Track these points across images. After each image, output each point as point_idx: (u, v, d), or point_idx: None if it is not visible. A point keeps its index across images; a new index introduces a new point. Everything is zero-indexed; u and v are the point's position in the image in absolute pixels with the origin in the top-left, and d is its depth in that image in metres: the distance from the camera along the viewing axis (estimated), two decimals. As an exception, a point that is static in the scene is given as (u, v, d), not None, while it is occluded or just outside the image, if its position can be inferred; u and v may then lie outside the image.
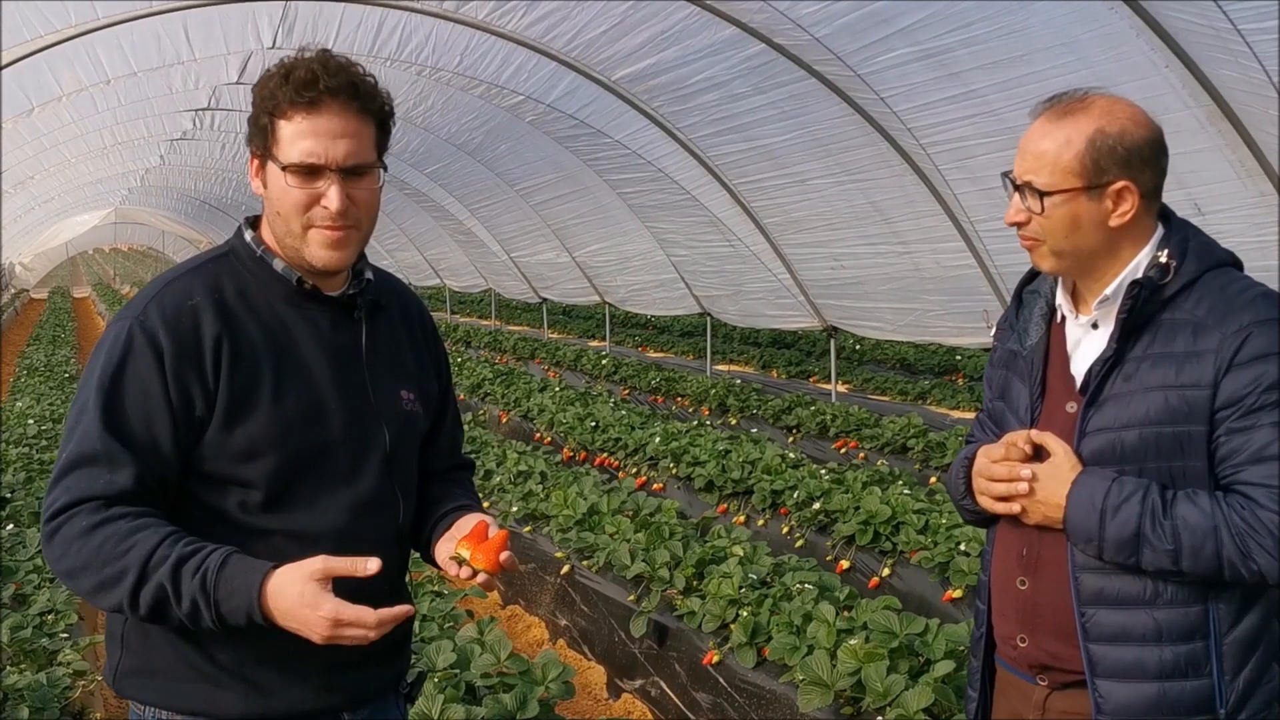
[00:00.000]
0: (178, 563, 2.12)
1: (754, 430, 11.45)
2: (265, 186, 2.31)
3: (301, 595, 2.10)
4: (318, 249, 2.29)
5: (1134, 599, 2.32)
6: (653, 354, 21.39)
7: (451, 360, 17.82)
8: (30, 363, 19.68)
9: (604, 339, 19.92)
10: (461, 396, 15.50)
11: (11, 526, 7.28)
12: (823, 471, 8.43)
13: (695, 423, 11.30)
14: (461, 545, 2.32)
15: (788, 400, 12.61)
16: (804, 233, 10.90)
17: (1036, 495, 2.38)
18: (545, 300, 20.02)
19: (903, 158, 8.62)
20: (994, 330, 2.65)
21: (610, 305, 17.54)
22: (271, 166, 2.27)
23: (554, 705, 4.50)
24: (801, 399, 12.67)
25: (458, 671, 4.57)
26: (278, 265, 2.36)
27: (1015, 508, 2.42)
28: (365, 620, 2.10)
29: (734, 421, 12.74)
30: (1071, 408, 2.41)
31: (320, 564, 2.12)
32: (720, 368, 17.49)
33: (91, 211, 39.07)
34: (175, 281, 2.32)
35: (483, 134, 14.76)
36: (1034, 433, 2.40)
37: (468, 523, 2.42)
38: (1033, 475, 2.37)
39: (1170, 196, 2.45)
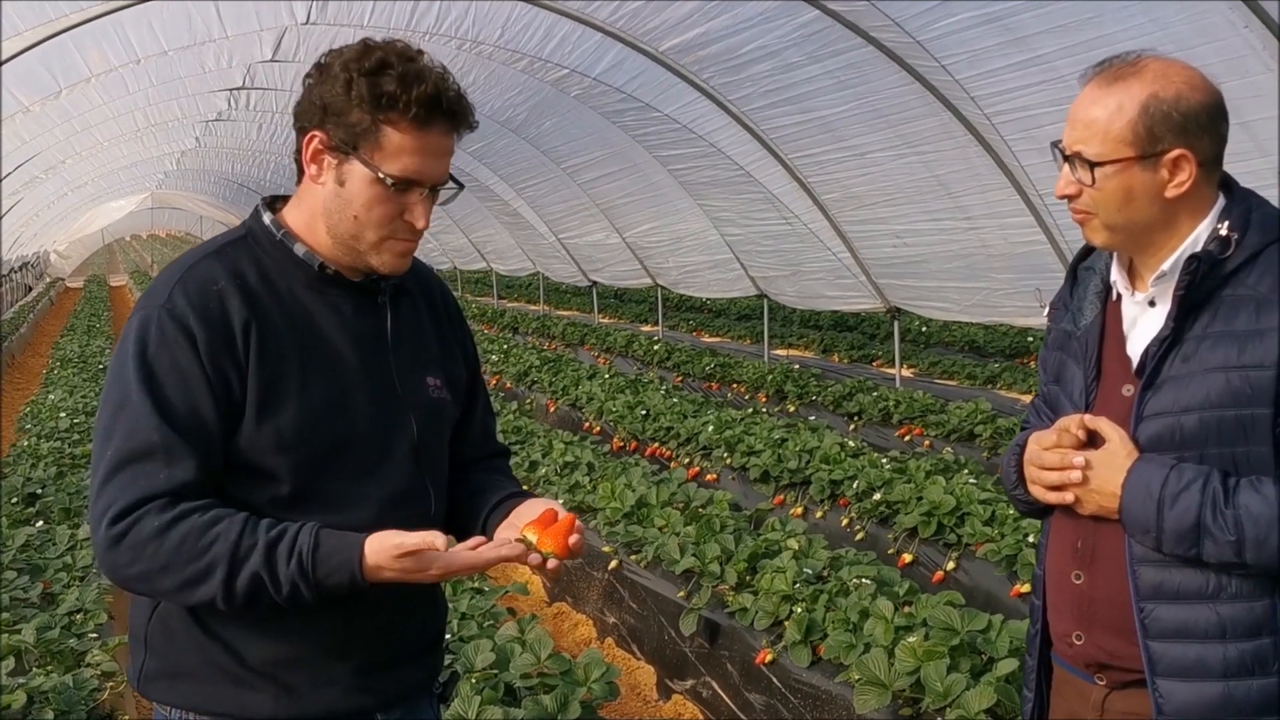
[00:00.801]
0: (268, 549, 2.16)
1: (813, 418, 11.41)
2: (342, 184, 2.28)
3: (403, 561, 2.17)
4: (390, 258, 2.33)
5: (1195, 593, 2.28)
6: (708, 338, 21.37)
7: (498, 347, 17.95)
8: (64, 354, 19.91)
9: (656, 323, 19.93)
10: (508, 385, 15.56)
11: (41, 523, 7.38)
12: (884, 460, 8.39)
13: (750, 410, 11.28)
14: (528, 530, 2.33)
15: (849, 386, 12.57)
16: (864, 209, 10.84)
17: (1090, 484, 2.35)
18: (595, 284, 20.03)
19: (966, 128, 8.54)
20: (1047, 310, 2.62)
21: (663, 288, 17.53)
22: (360, 169, 2.25)
23: (597, 707, 4.51)
24: (863, 384, 12.62)
25: (496, 672, 4.59)
26: (299, 250, 2.36)
27: (1068, 497, 2.39)
28: (456, 561, 2.22)
29: (792, 409, 12.71)
30: (1128, 390, 2.38)
31: (416, 539, 2.19)
32: (779, 352, 17.45)
33: (127, 197, 39.59)
34: (197, 266, 2.32)
35: (527, 110, 14.77)
36: (1088, 417, 2.37)
37: (529, 509, 2.42)
38: (1086, 463, 2.34)
39: (1254, 165, 2.42)
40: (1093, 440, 2.38)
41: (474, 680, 4.45)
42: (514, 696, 4.50)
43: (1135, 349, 2.40)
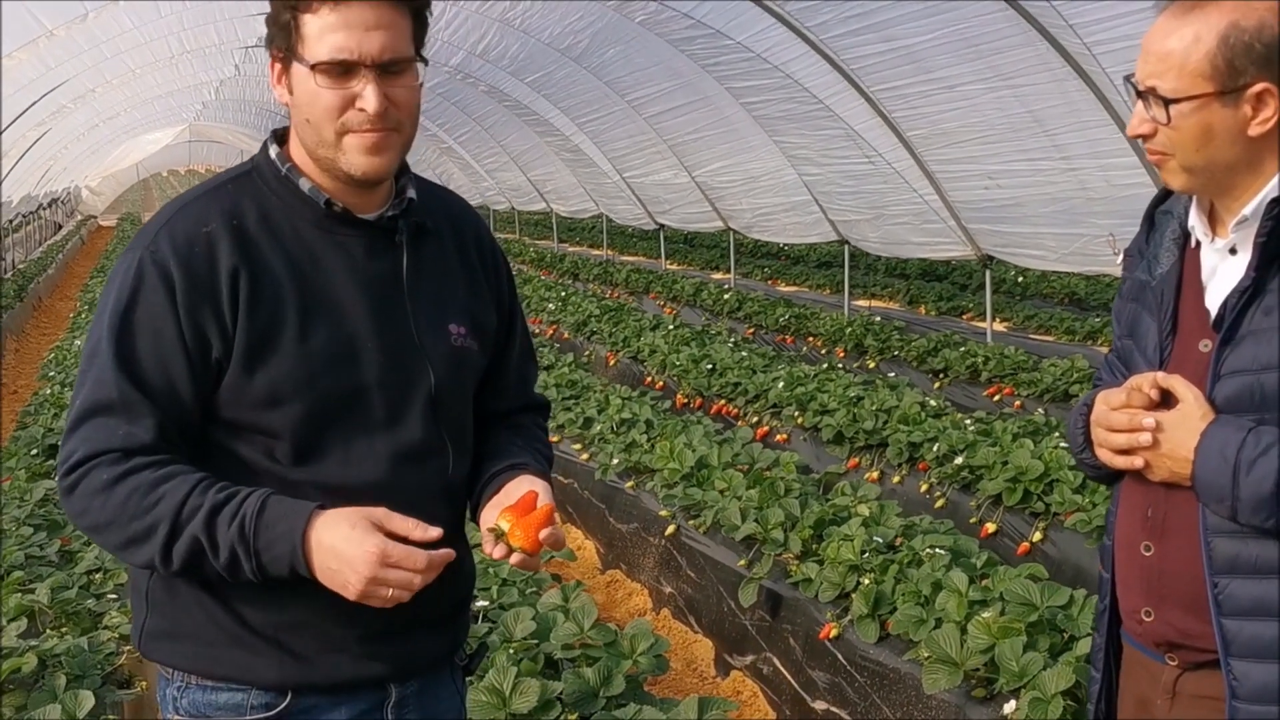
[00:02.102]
0: (212, 511, 2.17)
1: (893, 374, 11.38)
2: (291, 92, 2.31)
3: (352, 530, 2.16)
4: (356, 155, 2.29)
5: (1274, 567, 2.27)
6: (784, 288, 21.32)
7: (556, 294, 18.00)
8: (93, 297, 20.18)
9: (728, 271, 19.89)
10: (566, 335, 15.63)
11: (62, 476, 7.50)
12: (967, 422, 8.36)
13: (825, 366, 11.26)
14: (503, 517, 2.32)
15: (934, 341, 12.50)
16: (953, 147, 10.74)
17: (1161, 448, 2.33)
18: (662, 227, 20.02)
19: (1064, 59, 8.44)
20: (1121, 257, 2.61)
21: (735, 232, 17.49)
22: (297, 68, 2.27)
23: (643, 681, 4.55)
24: (950, 339, 12.55)
25: (536, 642, 4.64)
26: (304, 185, 2.36)
27: (1137, 462, 2.37)
28: (415, 560, 2.17)
29: (872, 364, 12.67)
30: (1205, 346, 2.36)
31: (382, 512, 2.19)
32: (860, 303, 17.38)
33: (163, 129, 39.92)
34: (190, 206, 2.34)
35: (589, 37, 14.76)
36: (1160, 375, 2.35)
37: (515, 489, 2.41)
38: (1156, 425, 2.33)
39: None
40: (1166, 400, 2.36)
41: (512, 650, 4.51)
42: (555, 668, 4.56)
43: (1214, 300, 2.37)
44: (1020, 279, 18.44)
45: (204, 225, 2.29)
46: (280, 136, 2.44)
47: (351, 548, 2.15)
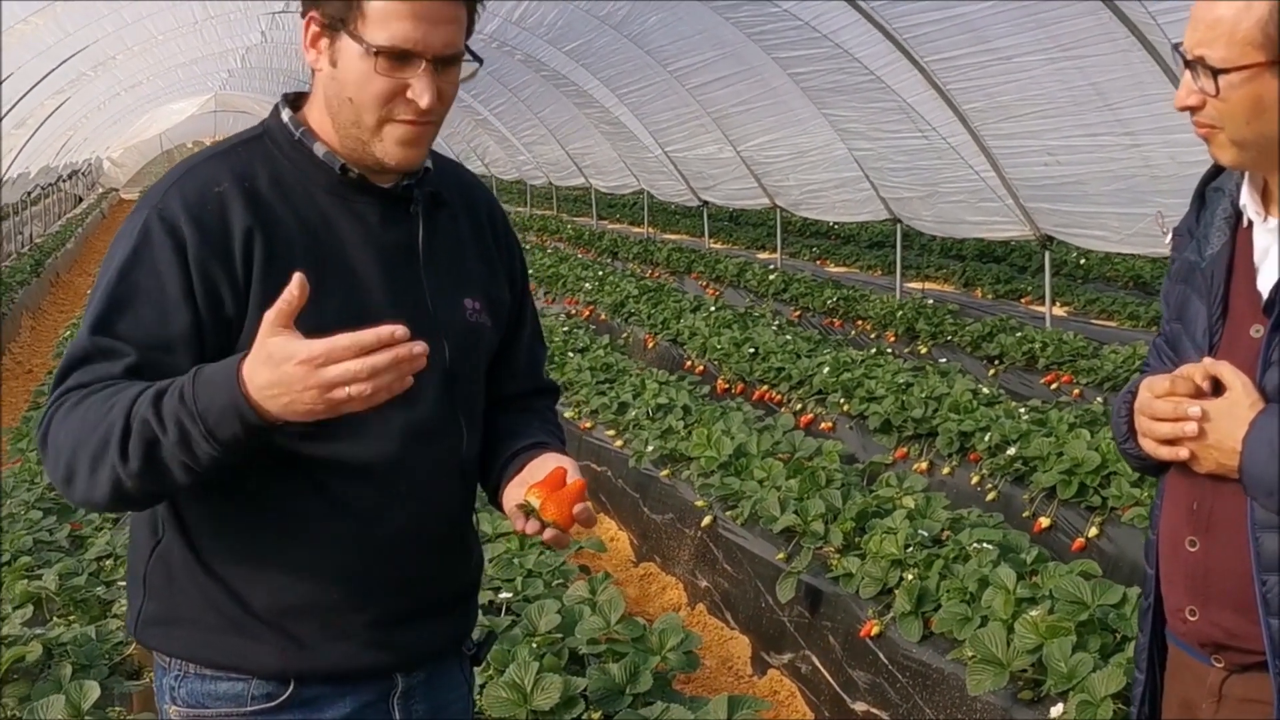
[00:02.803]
0: (156, 396, 2.10)
1: (945, 360, 11.34)
2: (335, 65, 2.29)
3: (270, 356, 2.02)
4: (393, 145, 2.30)
5: None
6: (833, 268, 21.28)
7: (593, 274, 18.01)
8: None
9: (775, 250, 19.85)
10: (603, 317, 15.63)
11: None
12: (1022, 411, 8.32)
13: (874, 350, 11.23)
14: (532, 493, 2.32)
15: (989, 325, 12.46)
16: (1011, 121, 10.69)
17: (1208, 438, 2.31)
18: (706, 204, 20.01)
19: (1128, 29, 8.38)
20: (1170, 237, 2.59)
21: (782, 209, 17.46)
22: (349, 45, 2.26)
23: (672, 678, 4.56)
24: (1006, 323, 12.51)
25: (561, 636, 4.65)
26: (318, 150, 2.36)
27: (1182, 453, 2.35)
28: (342, 350, 1.98)
29: (924, 350, 12.64)
30: (1256, 331, 2.34)
31: (273, 315, 2.03)
32: (913, 285, 17.33)
33: (188, 99, 40.09)
34: (199, 166, 2.35)
35: (629, 3, 14.76)
36: (1208, 362, 2.34)
37: (542, 465, 2.42)
38: (1203, 414, 2.31)
39: None
40: (1216, 388, 2.34)
41: (535, 644, 4.52)
42: (580, 664, 4.56)
43: (1266, 283, 2.35)
44: (1082, 261, 18.35)
45: (215, 185, 2.29)
46: (292, 100, 2.44)
47: (282, 370, 2.01)
